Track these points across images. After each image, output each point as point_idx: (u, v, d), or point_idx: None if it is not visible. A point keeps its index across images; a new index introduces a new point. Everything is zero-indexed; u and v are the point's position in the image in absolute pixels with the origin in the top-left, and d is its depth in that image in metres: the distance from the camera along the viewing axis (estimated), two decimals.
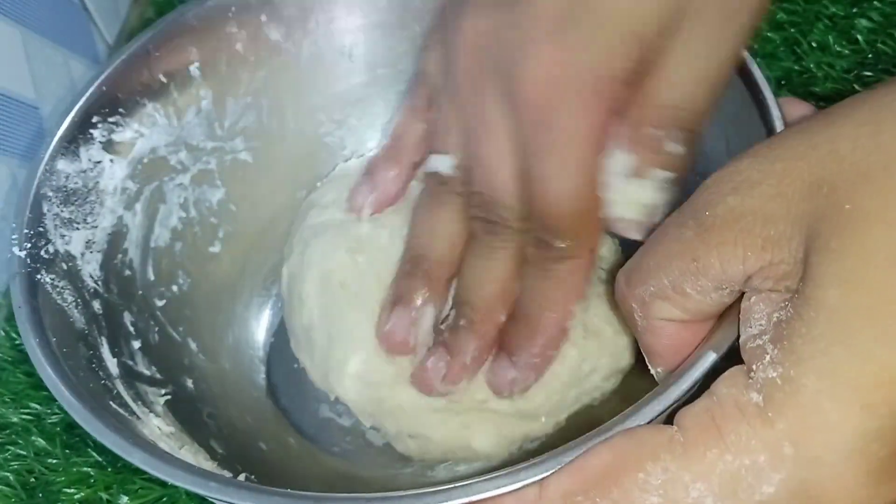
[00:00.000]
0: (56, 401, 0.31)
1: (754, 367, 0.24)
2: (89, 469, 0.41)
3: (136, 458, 0.29)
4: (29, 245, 0.35)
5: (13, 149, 0.42)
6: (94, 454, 0.42)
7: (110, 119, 0.40)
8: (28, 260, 0.35)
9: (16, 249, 0.35)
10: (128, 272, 0.40)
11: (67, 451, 0.41)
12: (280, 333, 0.44)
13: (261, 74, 0.44)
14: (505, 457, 0.38)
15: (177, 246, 0.43)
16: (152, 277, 0.41)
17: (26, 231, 0.35)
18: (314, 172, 0.47)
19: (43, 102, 0.45)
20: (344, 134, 0.47)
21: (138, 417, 0.34)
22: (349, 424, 0.42)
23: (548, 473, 0.26)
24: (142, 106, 0.41)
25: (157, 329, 0.40)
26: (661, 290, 0.28)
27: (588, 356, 0.37)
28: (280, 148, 0.46)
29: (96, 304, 0.37)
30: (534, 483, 0.26)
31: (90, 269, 0.38)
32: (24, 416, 0.42)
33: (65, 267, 0.37)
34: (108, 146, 0.40)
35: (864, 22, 0.49)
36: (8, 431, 0.42)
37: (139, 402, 0.35)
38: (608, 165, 0.32)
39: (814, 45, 0.49)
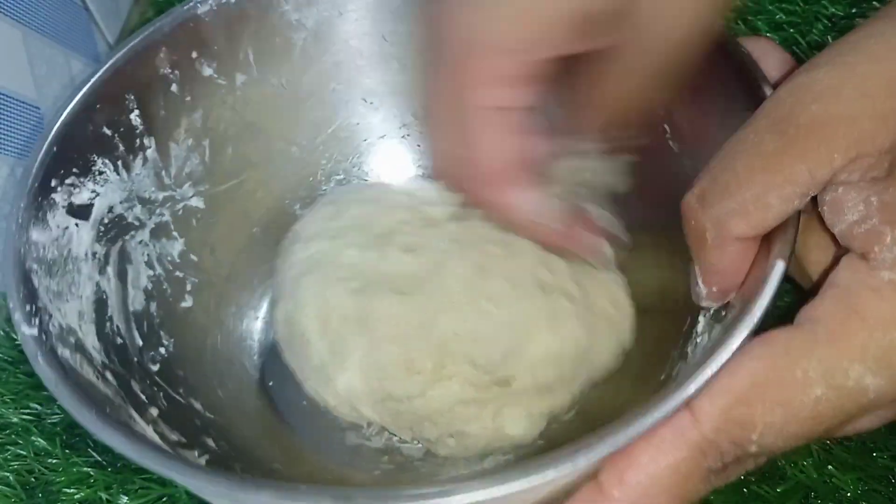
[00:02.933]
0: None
1: (875, 248, 0.26)
2: (89, 469, 0.40)
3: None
4: (37, 321, 0.31)
5: (14, 148, 0.41)
6: (94, 454, 0.40)
7: (67, 181, 0.36)
8: (43, 337, 0.31)
9: (25, 328, 0.31)
10: (119, 340, 0.37)
11: (67, 451, 0.40)
12: (279, 375, 0.42)
13: (198, 114, 0.42)
14: (536, 435, 0.39)
15: (152, 307, 0.40)
16: (140, 343, 0.38)
17: (28, 308, 0.32)
18: (264, 207, 0.45)
19: (44, 102, 0.44)
20: (285, 164, 0.46)
21: None
22: (381, 445, 0.40)
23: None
24: (92, 163, 0.38)
25: (161, 395, 0.37)
26: (741, 206, 0.28)
27: (597, 337, 0.38)
28: (228, 187, 0.44)
29: (109, 376, 0.34)
30: (681, 409, 0.26)
31: (90, 340, 0.35)
32: (24, 416, 0.41)
33: (72, 341, 0.33)
34: (71, 210, 0.36)
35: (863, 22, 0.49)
36: (8, 431, 0.41)
37: None
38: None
39: (813, 45, 0.47)
